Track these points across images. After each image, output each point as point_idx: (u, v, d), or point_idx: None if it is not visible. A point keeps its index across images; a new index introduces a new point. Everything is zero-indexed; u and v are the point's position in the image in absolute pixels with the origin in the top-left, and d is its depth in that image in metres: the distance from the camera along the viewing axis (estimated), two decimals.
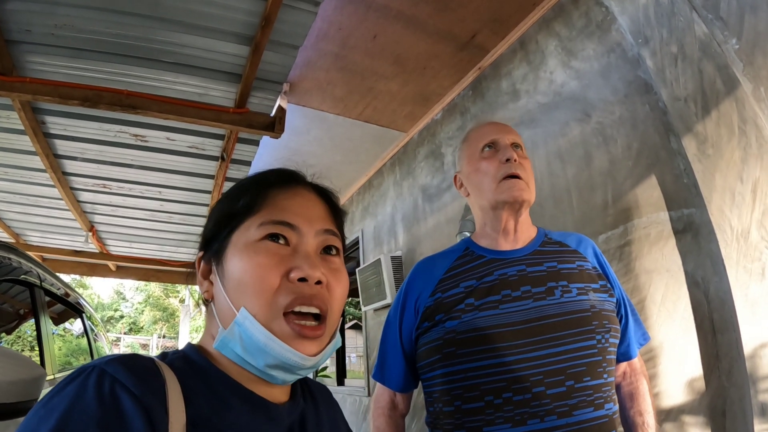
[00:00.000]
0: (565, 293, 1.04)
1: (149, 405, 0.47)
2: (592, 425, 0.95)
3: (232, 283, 0.59)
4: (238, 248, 0.61)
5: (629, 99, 1.83)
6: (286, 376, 0.60)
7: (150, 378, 0.50)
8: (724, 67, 1.50)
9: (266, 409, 0.60)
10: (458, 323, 1.03)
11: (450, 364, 1.02)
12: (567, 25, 2.16)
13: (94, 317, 3.71)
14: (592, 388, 0.97)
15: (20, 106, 2.64)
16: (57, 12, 2.09)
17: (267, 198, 0.64)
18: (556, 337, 0.99)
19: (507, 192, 1.10)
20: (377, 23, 2.44)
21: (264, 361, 0.57)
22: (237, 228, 0.62)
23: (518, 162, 1.12)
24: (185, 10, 2.11)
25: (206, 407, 0.54)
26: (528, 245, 1.14)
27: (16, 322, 2.53)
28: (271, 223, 0.61)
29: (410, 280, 1.17)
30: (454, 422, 1.02)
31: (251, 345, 0.56)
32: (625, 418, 1.15)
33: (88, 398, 0.45)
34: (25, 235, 5.31)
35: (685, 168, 1.60)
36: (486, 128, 1.21)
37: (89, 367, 0.48)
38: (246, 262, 0.59)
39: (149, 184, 3.78)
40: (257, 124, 2.72)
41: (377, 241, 4.09)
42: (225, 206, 0.66)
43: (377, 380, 1.20)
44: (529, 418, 0.94)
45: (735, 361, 1.42)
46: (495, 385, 0.97)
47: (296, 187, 0.68)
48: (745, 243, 1.41)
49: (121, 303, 27.08)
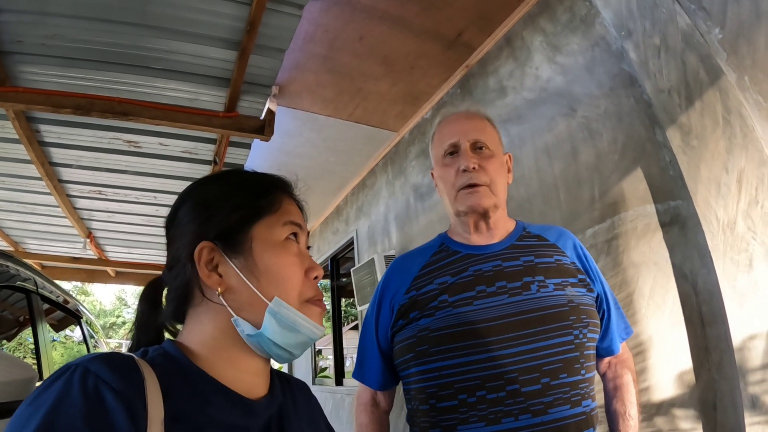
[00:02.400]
0: (541, 288, 1.02)
1: (129, 400, 0.49)
2: (569, 423, 0.93)
3: (265, 276, 0.64)
4: (270, 244, 0.66)
5: (614, 92, 1.82)
6: (299, 351, 0.68)
7: (130, 374, 0.52)
8: (708, 58, 1.49)
9: (244, 404, 0.62)
10: (432, 320, 1.01)
11: (424, 362, 1.01)
12: (552, 21, 2.16)
13: (94, 324, 3.73)
14: (568, 385, 0.95)
15: (14, 115, 2.67)
16: (47, 22, 2.11)
17: (276, 200, 0.70)
18: (532, 333, 0.97)
19: (464, 203, 1.08)
20: (363, 24, 2.44)
21: (295, 339, 0.65)
22: (256, 223, 0.66)
23: (477, 168, 1.08)
24: (172, 17, 2.13)
25: (184, 402, 0.56)
26: (505, 239, 1.12)
27: (13, 329, 2.55)
28: (291, 224, 0.69)
29: (386, 279, 1.16)
30: (429, 420, 1.01)
31: (288, 327, 0.64)
32: (609, 408, 1.14)
33: (74, 394, 0.47)
34: (24, 243, 5.34)
35: (671, 160, 1.60)
36: (448, 128, 1.16)
37: (73, 365, 0.50)
38: (281, 258, 0.66)
39: (144, 190, 3.81)
40: (247, 127, 2.73)
41: (371, 241, 4.09)
42: (243, 200, 0.67)
43: (357, 379, 1.19)
44: (504, 416, 0.92)
45: (724, 354, 1.41)
46: (469, 383, 0.96)
47: (292, 195, 0.75)
48: (731, 234, 1.40)
49: (123, 309, 27.13)
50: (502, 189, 1.12)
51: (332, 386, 4.92)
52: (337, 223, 5.03)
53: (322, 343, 7.05)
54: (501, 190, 1.11)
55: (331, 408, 4.78)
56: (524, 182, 2.25)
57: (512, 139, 2.35)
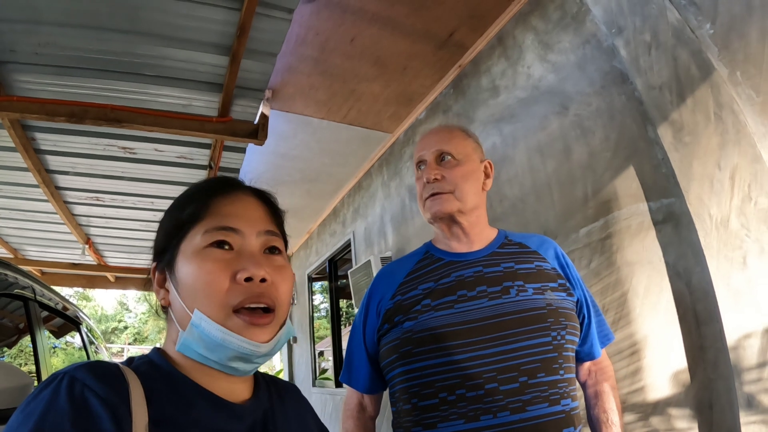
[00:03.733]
0: (520, 292, 1.05)
1: (114, 406, 0.51)
2: (547, 421, 0.96)
3: (185, 289, 0.63)
4: (187, 256, 0.65)
5: (606, 90, 1.81)
6: (246, 366, 0.64)
7: (114, 382, 0.55)
8: (699, 53, 1.47)
9: (227, 408, 0.63)
10: (415, 323, 1.05)
11: (407, 363, 1.05)
12: (543, 19, 2.14)
13: (94, 330, 3.73)
14: (546, 384, 0.98)
15: (9, 124, 2.69)
16: (40, 31, 2.12)
17: (210, 206, 0.68)
18: (510, 334, 1.00)
19: (429, 211, 1.14)
20: (354, 26, 2.43)
21: (224, 355, 0.62)
22: (185, 237, 0.66)
23: (440, 179, 1.13)
24: (163, 23, 2.13)
25: (168, 407, 0.57)
26: (486, 247, 1.16)
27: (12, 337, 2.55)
28: (215, 230, 0.65)
29: (374, 285, 1.20)
30: (412, 419, 1.04)
31: (210, 342, 0.61)
32: (591, 416, 1.17)
33: (61, 401, 0.49)
34: (23, 250, 5.38)
35: (663, 157, 1.58)
36: (420, 144, 1.22)
37: (60, 374, 0.53)
38: (195, 269, 0.63)
39: (141, 195, 3.82)
40: (241, 132, 2.73)
41: (368, 243, 4.09)
42: (172, 217, 0.70)
43: (344, 382, 1.23)
44: (482, 413, 0.95)
45: (720, 353, 1.40)
46: (449, 382, 0.99)
47: (236, 192, 0.72)
48: (725, 231, 1.39)
49: (125, 314, 27.21)
50: (471, 195, 1.14)
51: (332, 388, 4.93)
52: (334, 224, 5.03)
53: (324, 344, 7.04)
54: (467, 197, 1.13)
55: (331, 410, 4.78)
56: (518, 181, 2.24)
57: (505, 138, 2.34)
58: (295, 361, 6.46)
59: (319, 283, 6.35)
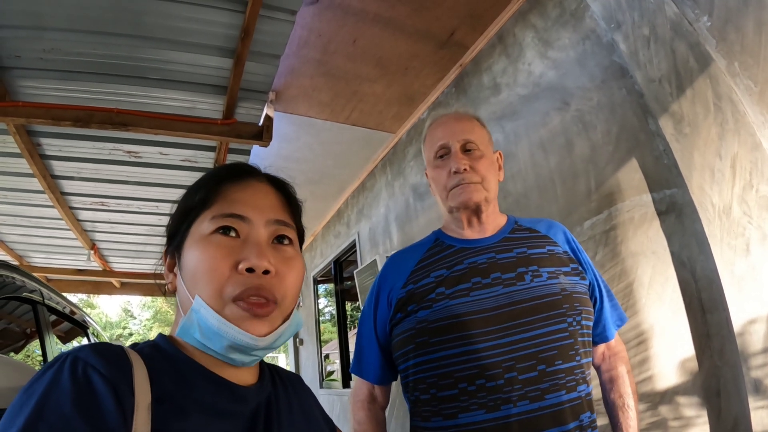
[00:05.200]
0: (535, 278, 1.04)
1: (117, 384, 0.51)
2: (564, 408, 0.96)
3: (189, 274, 0.63)
4: (193, 242, 0.64)
5: (606, 84, 1.83)
6: (244, 357, 0.63)
7: (117, 361, 0.54)
8: (697, 45, 1.50)
9: (230, 390, 0.63)
10: (430, 312, 1.04)
11: (423, 353, 1.04)
12: (542, 16, 2.17)
13: (101, 334, 3.74)
14: (563, 372, 0.98)
15: (15, 129, 2.70)
16: (44, 36, 2.14)
17: (219, 192, 0.67)
18: (527, 322, 1.00)
19: (456, 199, 1.12)
20: (356, 27, 2.46)
21: (220, 344, 0.60)
22: (194, 222, 0.66)
23: (469, 170, 1.12)
24: (167, 27, 2.15)
25: (170, 385, 0.57)
26: (497, 233, 1.15)
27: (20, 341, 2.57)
28: (222, 216, 0.64)
29: (382, 274, 1.19)
30: (431, 409, 1.03)
31: (207, 330, 0.60)
32: (607, 401, 1.16)
33: (64, 380, 0.49)
34: (28, 257, 5.38)
35: (665, 149, 1.60)
36: (438, 130, 1.20)
37: (64, 355, 0.52)
38: (198, 255, 0.62)
39: (146, 200, 3.84)
40: (245, 134, 2.75)
41: (373, 243, 4.10)
42: (183, 202, 0.70)
43: (355, 373, 1.22)
44: (502, 403, 0.95)
45: (726, 340, 1.42)
46: (468, 372, 0.98)
47: (249, 179, 0.71)
48: (727, 219, 1.40)
49: (130, 321, 27.12)
50: (493, 185, 1.15)
51: (339, 389, 4.93)
52: (338, 226, 5.05)
53: (330, 347, 7.04)
54: (491, 186, 1.14)
55: (339, 411, 4.78)
56: (521, 177, 2.26)
57: (507, 135, 2.37)
58: (302, 363, 6.46)
59: (323, 287, 6.35)
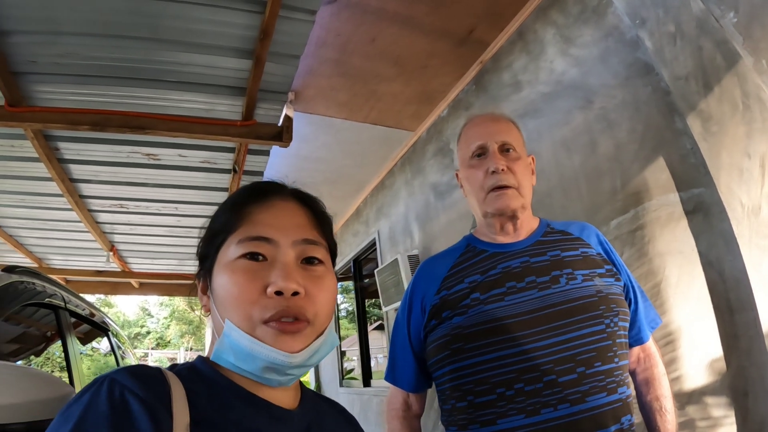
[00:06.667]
0: (570, 280, 1.04)
1: (154, 407, 0.52)
2: (606, 410, 0.95)
3: (219, 299, 0.64)
4: (222, 266, 0.65)
5: (630, 82, 1.81)
6: (280, 377, 0.63)
7: (155, 384, 0.55)
8: (723, 42, 1.47)
9: (269, 411, 0.63)
10: (464, 318, 1.03)
11: (459, 359, 1.03)
12: (563, 13, 2.15)
13: (121, 335, 3.79)
14: (603, 373, 0.97)
15: (33, 134, 2.72)
16: (60, 41, 2.15)
17: (244, 214, 0.67)
18: (564, 324, 0.99)
19: (493, 205, 1.11)
20: (374, 26, 2.46)
21: (255, 365, 0.61)
22: (221, 246, 0.67)
23: (506, 170, 1.10)
24: (184, 29, 2.15)
25: (208, 407, 0.58)
26: (530, 236, 1.14)
27: (44, 345, 2.60)
28: (248, 240, 0.64)
29: (415, 281, 1.18)
30: (467, 417, 1.02)
31: (240, 352, 0.61)
32: (643, 404, 1.15)
33: (101, 403, 0.50)
34: (47, 259, 5.45)
35: (692, 147, 1.58)
36: (475, 130, 1.19)
37: (101, 378, 0.53)
38: (226, 280, 0.63)
39: (165, 201, 3.87)
40: (265, 135, 2.76)
41: (393, 242, 4.10)
42: (210, 226, 0.71)
43: (389, 382, 1.21)
44: (542, 407, 0.94)
45: (754, 340, 1.40)
46: (505, 377, 0.98)
47: (273, 199, 0.70)
48: (756, 219, 1.39)
49: (147, 319, 27.42)
50: (528, 190, 1.14)
51: (360, 388, 4.94)
52: (357, 225, 5.05)
53: (346, 344, 7.06)
54: (527, 191, 1.14)
55: (358, 410, 4.80)
56: (544, 177, 2.24)
57: (530, 134, 2.35)
58: (321, 362, 6.48)
59: (340, 284, 6.37)
